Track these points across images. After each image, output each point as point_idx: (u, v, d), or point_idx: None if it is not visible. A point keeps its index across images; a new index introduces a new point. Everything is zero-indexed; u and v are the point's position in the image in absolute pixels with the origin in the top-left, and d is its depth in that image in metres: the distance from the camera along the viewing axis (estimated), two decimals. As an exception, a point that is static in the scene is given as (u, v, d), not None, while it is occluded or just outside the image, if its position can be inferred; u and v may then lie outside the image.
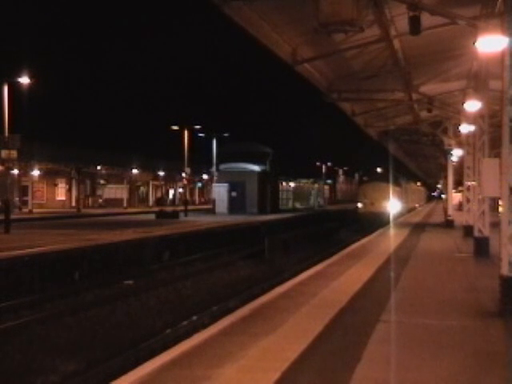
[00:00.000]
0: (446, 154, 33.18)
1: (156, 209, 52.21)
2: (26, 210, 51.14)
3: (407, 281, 13.12)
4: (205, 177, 79.65)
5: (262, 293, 12.71)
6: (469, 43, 14.42)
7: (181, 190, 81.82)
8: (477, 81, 18.77)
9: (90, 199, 69.31)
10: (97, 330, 12.58)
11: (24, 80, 39.63)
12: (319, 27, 12.38)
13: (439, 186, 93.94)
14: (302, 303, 10.18)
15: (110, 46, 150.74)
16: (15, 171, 49.16)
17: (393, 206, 42.50)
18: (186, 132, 60.04)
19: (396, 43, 17.24)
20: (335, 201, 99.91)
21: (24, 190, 55.58)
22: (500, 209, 10.70)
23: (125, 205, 65.36)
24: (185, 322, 13.21)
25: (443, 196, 67.21)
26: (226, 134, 59.83)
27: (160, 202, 75.29)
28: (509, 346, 7.87)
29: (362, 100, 26.57)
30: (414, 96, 24.66)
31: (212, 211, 47.93)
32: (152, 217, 40.75)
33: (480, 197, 17.76)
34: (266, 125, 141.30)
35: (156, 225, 31.41)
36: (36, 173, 54.49)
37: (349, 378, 6.32)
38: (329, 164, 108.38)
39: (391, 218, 36.59)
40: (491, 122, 17.49)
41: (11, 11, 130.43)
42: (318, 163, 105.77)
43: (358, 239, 25.32)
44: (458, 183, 40.14)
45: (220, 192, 47.93)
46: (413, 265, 15.91)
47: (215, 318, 11.35)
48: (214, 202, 48.77)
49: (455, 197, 41.85)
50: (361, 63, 19.52)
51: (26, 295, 15.73)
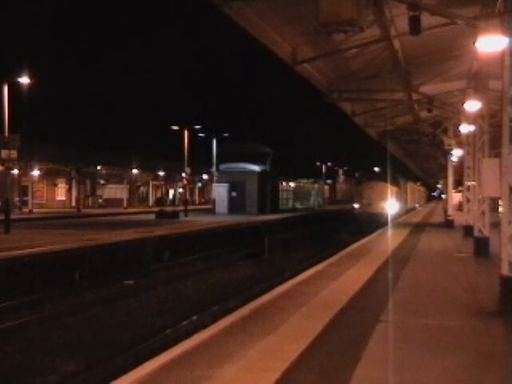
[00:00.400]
0: (446, 153, 33.18)
1: (156, 209, 52.21)
2: (25, 209, 51.12)
3: (407, 281, 13.12)
4: (205, 177, 79.65)
5: (262, 293, 12.70)
6: (469, 43, 14.42)
7: (181, 189, 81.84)
8: (477, 81, 18.76)
9: (90, 199, 69.32)
10: (97, 330, 12.58)
11: (24, 80, 39.62)
12: (319, 27, 12.38)
13: (439, 185, 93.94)
14: (302, 303, 10.18)
15: (110, 45, 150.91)
16: (15, 171, 49.17)
17: (391, 206, 41.16)
18: (186, 132, 60.06)
19: (396, 43, 17.23)
20: (335, 201, 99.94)
21: (24, 190, 55.57)
22: (500, 209, 10.70)
23: (125, 205, 65.36)
24: (185, 322, 13.21)
25: (443, 196, 67.17)
26: (225, 134, 59.83)
27: (160, 202, 75.30)
28: (509, 346, 7.87)
29: (362, 100, 26.56)
30: (414, 96, 24.65)
31: (212, 211, 47.94)
32: (152, 217, 40.76)
33: (480, 197, 17.76)
34: (266, 125, 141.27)
35: (156, 225, 31.42)
36: (36, 173, 54.49)
37: (349, 378, 6.31)
38: (329, 164, 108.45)
39: (389, 218, 35.69)
40: (491, 122, 17.49)
41: (11, 11, 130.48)
42: (318, 163, 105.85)
43: (357, 239, 25.30)
44: (458, 183, 40.14)
45: (220, 192, 47.94)
46: (413, 265, 15.91)
47: (215, 318, 11.35)
48: (213, 202, 48.78)
49: (455, 197, 41.83)
50: (361, 63, 19.52)
51: (25, 295, 15.73)
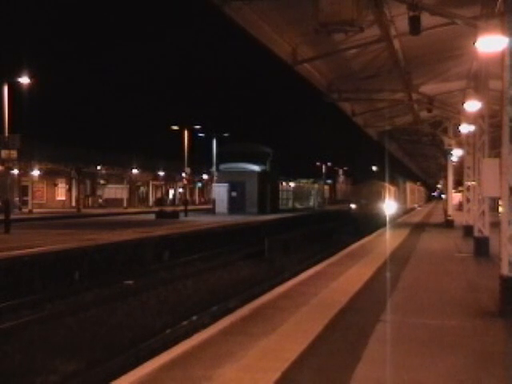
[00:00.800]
0: (446, 153, 33.17)
1: (156, 209, 52.22)
2: (25, 209, 51.16)
3: (407, 281, 13.12)
4: (205, 177, 79.66)
5: (262, 293, 12.70)
6: (469, 43, 14.42)
7: (181, 189, 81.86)
8: (477, 81, 18.76)
9: (90, 199, 69.32)
10: (97, 330, 12.58)
11: (24, 80, 39.64)
12: (319, 27, 12.38)
13: (439, 185, 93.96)
14: (302, 303, 10.18)
15: (109, 45, 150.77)
16: (15, 171, 49.18)
17: (389, 206, 39.93)
18: (186, 132, 60.08)
19: (396, 43, 17.23)
20: (335, 201, 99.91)
21: (24, 190, 55.61)
22: (500, 209, 10.70)
23: (125, 205, 65.38)
24: (185, 322, 13.21)
25: (443, 196, 67.15)
26: (226, 134, 59.87)
27: (160, 202, 75.32)
28: (509, 346, 7.87)
29: (362, 100, 26.57)
30: (414, 96, 24.66)
31: (212, 211, 47.96)
32: (152, 217, 40.78)
33: (480, 197, 17.76)
34: (266, 125, 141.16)
35: (156, 225, 31.43)
36: (36, 173, 54.50)
37: (349, 378, 6.31)
38: (329, 164, 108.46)
39: (387, 219, 34.78)
40: (491, 122, 17.49)
41: (11, 11, 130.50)
42: (318, 163, 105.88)
43: (357, 239, 25.29)
44: (458, 183, 40.13)
45: (220, 192, 47.95)
46: (413, 265, 15.91)
47: (215, 318, 11.34)
48: (213, 202, 48.79)
49: (455, 197, 41.81)
50: (361, 63, 19.53)
51: (25, 295, 15.74)
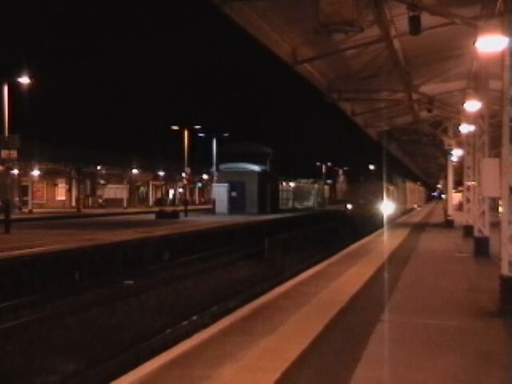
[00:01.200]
0: (446, 153, 33.17)
1: (156, 209, 52.22)
2: (25, 209, 51.13)
3: (407, 281, 13.12)
4: (205, 177, 79.66)
5: (262, 293, 12.71)
6: (469, 43, 14.42)
7: (181, 190, 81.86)
8: (477, 81, 18.76)
9: (90, 199, 69.32)
10: (97, 330, 12.58)
11: (24, 80, 39.62)
12: (319, 27, 12.37)
13: (439, 185, 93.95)
14: (302, 303, 10.18)
15: (109, 45, 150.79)
16: (15, 171, 49.16)
17: (387, 207, 38.53)
18: (186, 132, 60.05)
19: (396, 43, 17.23)
20: (335, 201, 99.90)
21: (24, 190, 55.59)
22: (500, 209, 10.70)
23: (125, 205, 65.36)
24: (185, 322, 13.21)
25: (443, 196, 67.11)
26: (225, 134, 59.85)
27: (160, 202, 75.32)
28: (509, 346, 7.87)
29: (362, 100, 26.56)
30: (414, 96, 24.65)
31: (212, 211, 47.98)
32: (152, 217, 40.78)
33: (480, 197, 17.76)
34: (265, 125, 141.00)
35: (156, 225, 31.44)
36: (36, 173, 54.50)
37: (349, 378, 6.32)
38: (329, 164, 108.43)
39: (385, 220, 33.64)
40: (491, 122, 17.48)
41: (11, 11, 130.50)
42: (318, 163, 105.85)
43: (357, 239, 25.29)
44: (458, 183, 40.11)
45: (220, 192, 47.98)
46: (413, 265, 15.91)
47: (215, 318, 11.35)
48: (213, 202, 48.82)
49: (455, 197, 41.77)
50: (361, 63, 19.52)
51: (26, 295, 15.73)
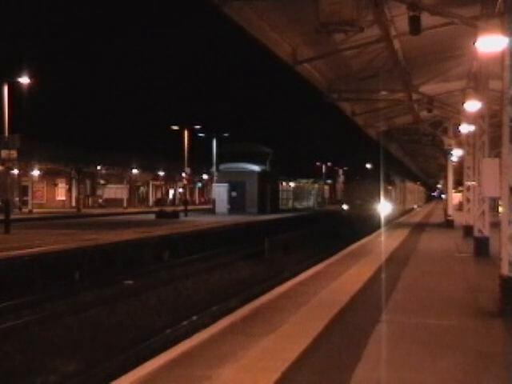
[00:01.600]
0: (446, 153, 33.17)
1: (156, 209, 52.23)
2: (26, 209, 51.15)
3: (407, 281, 13.12)
4: (205, 177, 79.66)
5: (262, 293, 12.71)
6: (469, 43, 14.43)
7: (181, 190, 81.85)
8: (477, 81, 18.76)
9: (90, 199, 69.33)
10: (97, 330, 12.58)
11: (24, 80, 39.63)
12: (319, 27, 12.38)
13: (439, 185, 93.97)
14: (302, 303, 10.18)
15: (109, 45, 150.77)
16: (15, 171, 49.17)
17: (385, 207, 37.01)
18: (186, 132, 60.05)
19: (396, 43, 17.24)
20: (335, 201, 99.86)
21: (24, 190, 55.60)
22: (500, 209, 10.70)
23: (125, 205, 65.38)
24: (185, 322, 13.22)
25: (443, 196, 67.09)
26: (226, 134, 59.86)
27: (160, 202, 75.32)
28: (509, 346, 7.87)
29: (362, 100, 26.58)
30: (414, 96, 24.66)
31: (212, 211, 47.99)
32: (152, 217, 40.78)
33: (480, 197, 17.76)
34: (266, 125, 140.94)
35: (156, 225, 31.44)
36: (36, 173, 54.50)
37: (349, 378, 6.32)
38: (329, 164, 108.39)
39: (387, 220, 32.99)
40: (491, 122, 17.49)
41: (11, 11, 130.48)
42: (318, 163, 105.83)
43: (357, 239, 25.28)
44: (458, 183, 40.11)
45: (220, 192, 47.98)
46: (413, 265, 15.91)
47: (215, 318, 11.35)
48: (213, 201, 48.83)
49: (455, 197, 41.76)
50: (361, 63, 19.53)
51: (26, 295, 15.73)
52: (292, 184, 74.71)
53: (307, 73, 19.95)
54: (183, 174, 63.55)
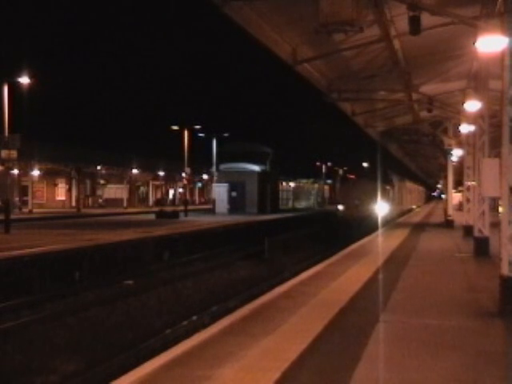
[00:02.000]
0: (446, 153, 33.17)
1: (156, 209, 52.23)
2: (25, 209, 51.14)
3: (407, 281, 13.12)
4: (205, 177, 79.65)
5: (262, 293, 12.71)
6: (469, 43, 14.42)
7: (181, 190, 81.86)
8: (477, 81, 18.76)
9: (89, 199, 69.35)
10: (97, 330, 12.58)
11: (24, 80, 39.63)
12: (319, 27, 12.39)
13: (439, 185, 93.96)
14: (302, 303, 10.18)
15: (109, 45, 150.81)
16: (15, 171, 49.17)
17: (382, 208, 35.28)
18: (186, 132, 60.04)
19: (396, 43, 17.24)
20: (335, 201, 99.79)
21: (24, 190, 55.58)
22: (500, 209, 10.70)
23: (125, 205, 65.37)
24: (185, 322, 13.22)
25: (443, 196, 67.05)
26: (225, 134, 59.83)
27: (160, 202, 75.32)
28: (509, 346, 7.87)
29: (362, 100, 26.56)
30: (414, 96, 24.66)
31: (212, 211, 47.99)
32: (152, 217, 40.78)
33: (480, 197, 17.76)
34: (265, 125, 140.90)
35: (156, 225, 31.44)
36: (36, 173, 54.49)
37: (349, 377, 6.31)
38: (329, 164, 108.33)
39: (385, 221, 32.04)
40: (491, 122, 17.49)
41: (11, 11, 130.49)
42: (318, 163, 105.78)
43: (357, 239, 25.29)
44: (458, 183, 40.10)
45: (220, 192, 47.99)
46: (413, 265, 15.91)
47: (215, 318, 11.35)
48: (213, 201, 48.84)
49: (455, 197, 41.74)
50: (361, 63, 19.53)
51: (26, 295, 15.73)
52: (292, 184, 74.76)
53: (307, 73, 19.95)
54: (183, 174, 63.52)
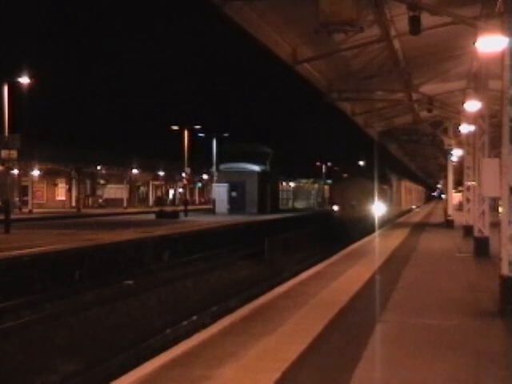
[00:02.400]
0: (446, 153, 33.16)
1: (156, 209, 52.22)
2: (25, 209, 51.11)
3: (407, 281, 13.12)
4: (205, 177, 79.61)
5: (262, 293, 12.71)
6: (469, 43, 14.43)
7: (181, 189, 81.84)
8: (477, 81, 18.76)
9: (89, 199, 69.33)
10: (97, 330, 12.58)
11: (24, 80, 39.61)
12: (319, 27, 12.37)
13: (439, 185, 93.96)
14: (302, 303, 10.18)
15: (109, 46, 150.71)
16: (15, 171, 49.17)
17: (379, 208, 33.74)
18: (186, 132, 60.02)
19: (396, 43, 17.25)
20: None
21: (24, 190, 55.59)
22: (500, 209, 10.70)
23: (125, 205, 65.36)
24: (185, 322, 13.21)
25: (443, 196, 67.02)
26: (225, 134, 59.80)
27: (160, 201, 75.30)
28: (509, 346, 7.87)
29: (362, 100, 26.56)
30: (414, 96, 24.66)
31: (212, 211, 47.98)
32: (152, 217, 40.78)
33: (480, 197, 17.76)
34: (266, 125, 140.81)
35: (156, 225, 31.44)
36: (36, 173, 54.48)
37: (349, 378, 6.32)
38: (329, 164, 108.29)
39: (377, 224, 30.42)
40: (491, 122, 17.49)
41: (11, 11, 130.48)
42: (318, 163, 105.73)
43: (357, 239, 25.28)
44: (458, 183, 40.09)
45: (220, 192, 48.00)
46: (413, 265, 15.91)
47: (215, 318, 11.35)
48: (214, 202, 48.83)
49: (455, 197, 41.74)
50: (361, 63, 19.52)
51: (26, 295, 15.73)
52: (292, 184, 74.75)
53: (307, 73, 19.95)
54: (183, 174, 63.50)
